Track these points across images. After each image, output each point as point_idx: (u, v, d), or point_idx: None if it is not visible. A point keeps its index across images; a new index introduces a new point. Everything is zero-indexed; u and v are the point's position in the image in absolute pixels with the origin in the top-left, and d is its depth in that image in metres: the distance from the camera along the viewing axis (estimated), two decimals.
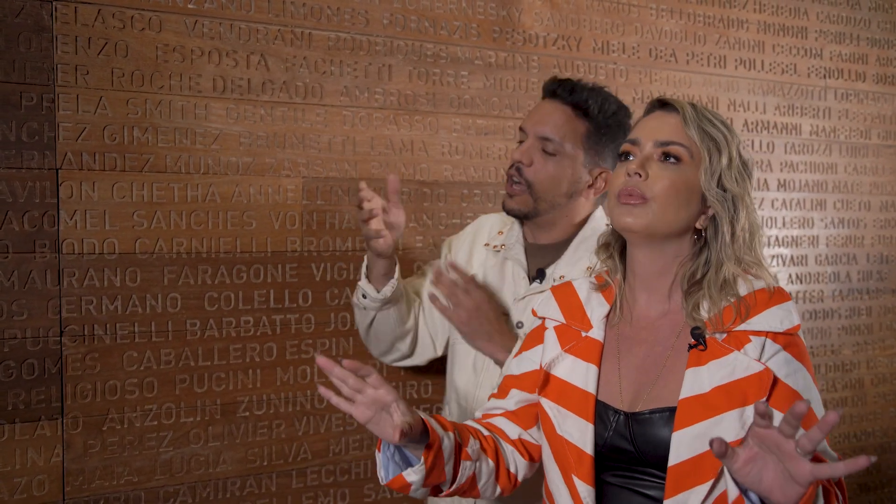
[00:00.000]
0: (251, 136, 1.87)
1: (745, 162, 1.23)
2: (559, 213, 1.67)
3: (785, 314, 1.17)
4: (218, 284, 1.84)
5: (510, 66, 2.19)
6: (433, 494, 1.27)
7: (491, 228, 1.81)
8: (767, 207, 2.65)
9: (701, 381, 1.15)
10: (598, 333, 1.28)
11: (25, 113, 1.65)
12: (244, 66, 1.86)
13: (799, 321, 1.18)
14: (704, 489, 1.12)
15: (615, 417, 1.21)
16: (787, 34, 2.70)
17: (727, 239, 1.20)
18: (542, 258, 1.69)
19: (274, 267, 1.90)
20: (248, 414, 1.88)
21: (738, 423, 1.12)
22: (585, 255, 1.63)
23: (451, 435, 1.22)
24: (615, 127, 1.67)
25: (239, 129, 1.85)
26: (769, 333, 1.16)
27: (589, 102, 1.65)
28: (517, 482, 1.34)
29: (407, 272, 1.95)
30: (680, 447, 1.14)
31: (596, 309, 1.30)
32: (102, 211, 1.72)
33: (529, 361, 1.35)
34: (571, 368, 1.27)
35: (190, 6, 1.80)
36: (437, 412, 1.96)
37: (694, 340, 1.18)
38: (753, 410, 0.96)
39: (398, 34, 2.03)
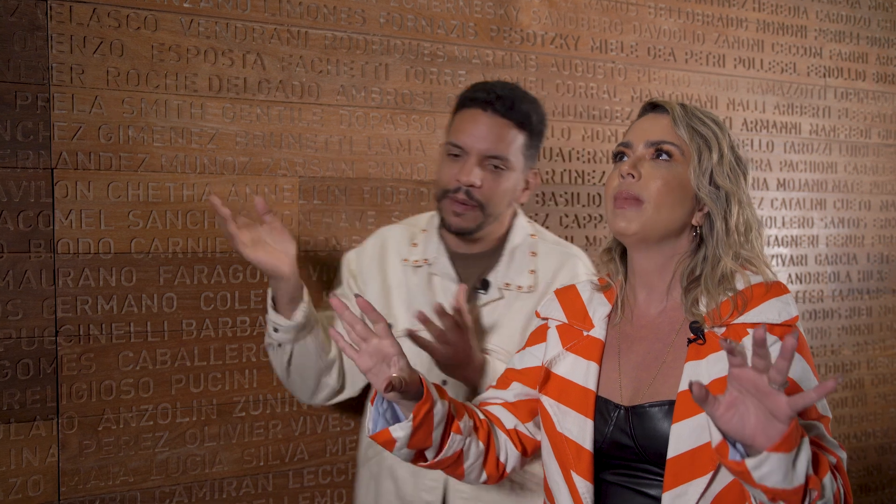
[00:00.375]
0: (247, 135, 1.86)
1: (738, 158, 1.25)
2: (497, 223, 1.67)
3: (783, 306, 1.18)
4: (214, 284, 1.83)
5: (508, 65, 2.18)
6: (416, 461, 1.27)
7: (399, 242, 1.74)
8: (767, 207, 2.65)
9: (700, 374, 1.16)
10: (599, 332, 1.29)
11: (20, 112, 1.65)
12: (240, 65, 1.85)
13: (797, 313, 1.18)
14: (703, 482, 1.12)
15: (615, 412, 1.22)
16: (786, 33, 2.69)
17: (722, 235, 1.22)
18: (473, 268, 1.66)
19: None
20: (244, 414, 1.87)
21: None
22: (526, 261, 1.64)
23: (445, 403, 1.24)
24: (545, 128, 1.70)
25: (235, 128, 1.85)
26: (767, 325, 1.16)
27: (531, 116, 1.63)
28: (505, 472, 1.34)
29: None
30: (679, 439, 1.14)
31: (598, 309, 1.32)
32: (98, 210, 1.72)
33: (532, 357, 1.37)
34: (572, 366, 1.29)
35: (186, 5, 1.80)
36: None
37: (693, 335, 1.19)
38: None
39: (395, 33, 2.03)
